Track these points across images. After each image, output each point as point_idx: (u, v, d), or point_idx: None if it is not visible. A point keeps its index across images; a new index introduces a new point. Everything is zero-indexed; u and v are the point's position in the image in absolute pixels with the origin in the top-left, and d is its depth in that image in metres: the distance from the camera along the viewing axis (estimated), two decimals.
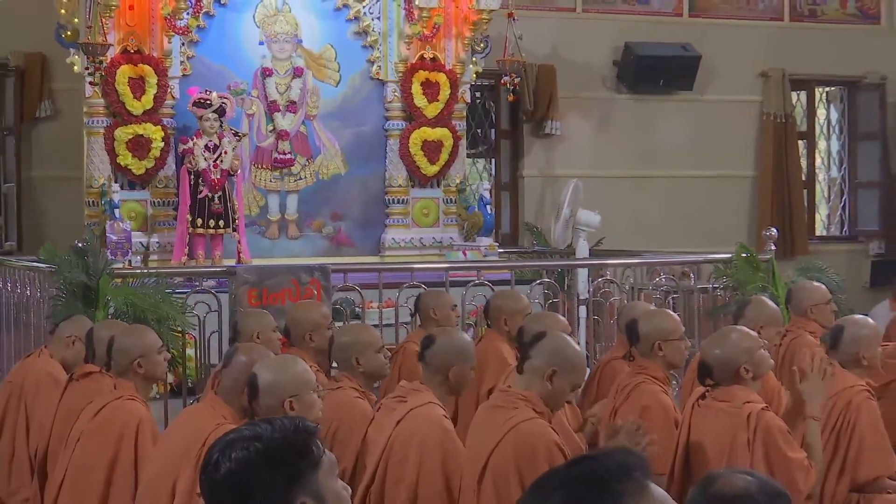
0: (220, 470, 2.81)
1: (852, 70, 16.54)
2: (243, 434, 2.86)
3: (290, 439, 2.83)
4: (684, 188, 15.39)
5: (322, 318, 8.15)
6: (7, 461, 8.24)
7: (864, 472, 7.16)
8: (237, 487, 2.80)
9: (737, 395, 6.57)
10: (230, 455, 2.80)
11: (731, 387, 6.61)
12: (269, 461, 2.79)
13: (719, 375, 6.62)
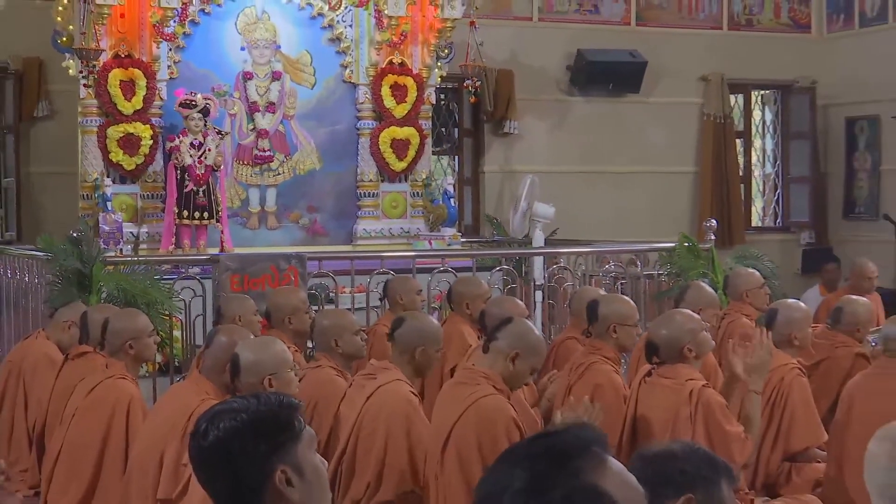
0: (207, 437, 2.82)
1: (785, 75, 16.58)
2: (231, 406, 2.88)
3: (275, 412, 2.83)
4: (631, 183, 15.41)
5: (300, 303, 8.16)
6: (7, 435, 8.23)
7: (796, 443, 7.19)
8: (223, 454, 2.80)
9: (680, 372, 6.59)
10: (218, 424, 2.81)
11: (676, 365, 6.63)
12: (253, 431, 2.79)
13: (665, 354, 6.64)
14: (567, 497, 1.90)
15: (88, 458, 7.05)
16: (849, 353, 7.89)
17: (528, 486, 1.92)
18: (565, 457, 1.95)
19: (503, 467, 1.98)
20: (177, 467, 6.06)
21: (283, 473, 2.76)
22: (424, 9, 12.68)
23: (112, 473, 6.98)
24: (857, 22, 16.32)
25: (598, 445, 1.99)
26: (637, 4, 15.92)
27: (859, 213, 16.38)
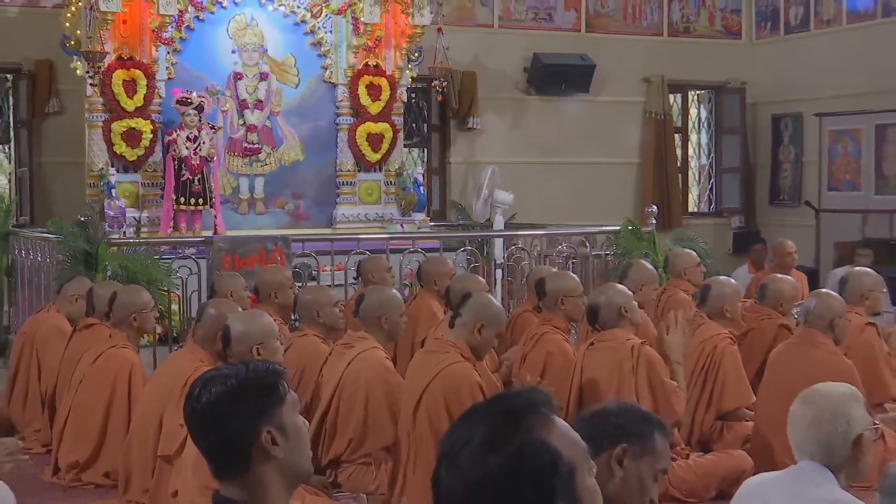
0: (200, 401, 2.81)
1: (718, 76, 16.62)
2: (222, 372, 2.86)
3: (261, 378, 2.83)
4: (582, 173, 15.40)
5: (285, 280, 8.18)
6: (22, 398, 8.22)
7: (727, 403, 7.24)
8: (214, 416, 2.79)
9: (619, 335, 6.64)
10: (210, 389, 2.80)
11: (614, 329, 6.67)
12: (241, 396, 2.78)
13: (604, 317, 6.68)
14: (519, 449, 1.92)
15: (95, 420, 7.06)
16: (773, 325, 7.93)
17: (486, 440, 1.94)
18: (518, 415, 1.97)
19: (465, 424, 2.00)
20: (175, 428, 6.05)
21: (268, 434, 2.75)
22: (396, 16, 12.67)
23: (116, 433, 6.99)
24: (782, 29, 16.37)
25: (546, 406, 2.01)
26: (587, 13, 15.92)
27: (783, 200, 16.45)
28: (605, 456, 3.16)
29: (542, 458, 1.93)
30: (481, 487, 1.91)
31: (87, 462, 7.03)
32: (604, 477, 3.14)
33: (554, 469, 1.93)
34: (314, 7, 12.50)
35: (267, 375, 2.84)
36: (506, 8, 15.47)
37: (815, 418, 3.62)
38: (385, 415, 6.44)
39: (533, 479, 1.92)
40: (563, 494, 1.93)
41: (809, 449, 3.62)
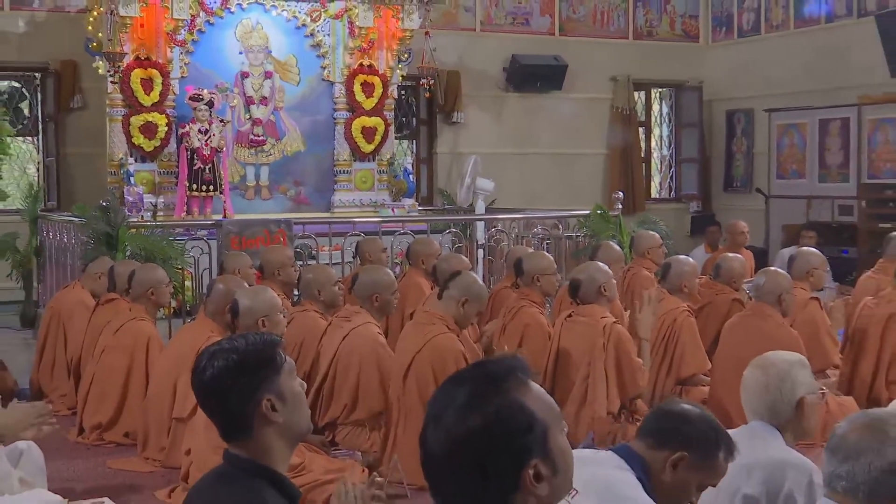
0: (206, 374, 2.81)
1: (678, 76, 16.63)
2: (223, 347, 2.85)
3: (259, 352, 2.82)
4: (555, 162, 15.42)
5: (287, 259, 8.16)
6: (50, 366, 8.22)
7: (685, 370, 7.27)
8: (218, 388, 2.80)
9: (595, 311, 6.66)
10: (213, 363, 2.80)
11: (591, 305, 6.69)
12: (241, 369, 2.78)
13: (584, 292, 6.71)
14: (497, 410, 1.93)
15: (116, 385, 7.06)
16: (727, 299, 7.95)
17: (467, 401, 1.94)
18: (497, 380, 1.98)
19: (450, 388, 2.00)
20: (188, 392, 6.01)
21: (268, 401, 2.75)
22: (388, 21, 12.65)
23: (135, 397, 6.99)
24: (735, 33, 16.38)
25: (523, 372, 2.01)
26: (560, 18, 15.91)
27: (736, 187, 16.48)
28: (665, 452, 3.17)
29: (518, 418, 1.93)
30: (463, 444, 1.92)
31: (108, 423, 7.03)
32: (658, 468, 3.14)
33: (529, 428, 1.94)
34: (314, 12, 12.49)
35: (264, 348, 2.83)
36: (487, 13, 15.45)
37: (764, 383, 3.63)
38: (376, 385, 6.45)
39: (509, 437, 1.92)
40: (538, 451, 1.93)
41: (759, 410, 3.63)
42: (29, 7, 13.04)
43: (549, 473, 1.94)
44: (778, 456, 3.51)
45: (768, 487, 3.46)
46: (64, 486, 5.72)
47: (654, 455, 3.18)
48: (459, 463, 1.93)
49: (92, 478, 6.23)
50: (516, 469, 1.92)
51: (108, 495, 5.76)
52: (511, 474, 1.92)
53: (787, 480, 3.44)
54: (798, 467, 3.46)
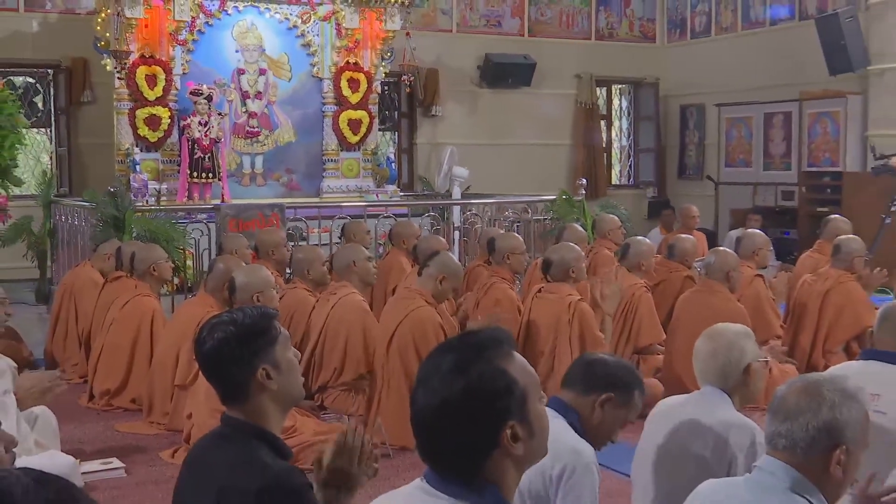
0: (207, 344, 2.78)
1: (637, 73, 16.65)
2: (222, 319, 2.83)
3: (255, 325, 2.79)
4: (525, 152, 15.42)
5: (280, 240, 8.15)
6: (62, 338, 8.20)
7: (642, 340, 7.31)
8: (217, 358, 2.78)
9: (562, 289, 6.68)
10: (213, 335, 2.78)
11: (560, 283, 6.70)
12: (239, 340, 2.75)
13: (555, 270, 6.73)
14: (481, 375, 1.94)
15: (123, 355, 7.06)
16: (680, 276, 7.99)
17: (454, 366, 1.95)
18: (481, 348, 1.98)
19: (439, 355, 2.01)
20: (189, 362, 6.08)
21: (263, 371, 2.74)
22: (372, 23, 12.60)
23: (140, 366, 6.99)
24: (689, 35, 16.40)
25: (506, 343, 2.03)
26: (529, 20, 15.88)
27: (689, 175, 16.52)
28: (593, 396, 3.31)
29: (499, 383, 1.94)
30: (449, 405, 1.93)
31: (116, 390, 7.03)
32: (587, 412, 3.25)
33: (509, 392, 1.95)
34: (304, 14, 12.42)
35: (261, 321, 2.81)
36: (462, 16, 15.42)
37: (714, 351, 3.64)
38: (361, 347, 6.49)
39: (490, 399, 1.93)
40: (516, 414, 1.95)
41: (710, 376, 3.64)
42: (42, 9, 12.95)
43: (525, 435, 1.96)
44: (725, 418, 3.53)
45: (716, 446, 3.48)
46: (75, 447, 5.72)
47: (583, 401, 3.31)
48: (444, 422, 1.94)
49: (101, 440, 6.24)
50: (495, 429, 1.93)
51: (116, 456, 5.79)
52: (491, 433, 1.93)
53: (732, 439, 3.47)
54: (742, 428, 3.49)
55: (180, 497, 2.78)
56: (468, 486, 1.94)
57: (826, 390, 2.50)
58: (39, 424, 5.25)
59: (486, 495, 1.94)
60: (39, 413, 5.23)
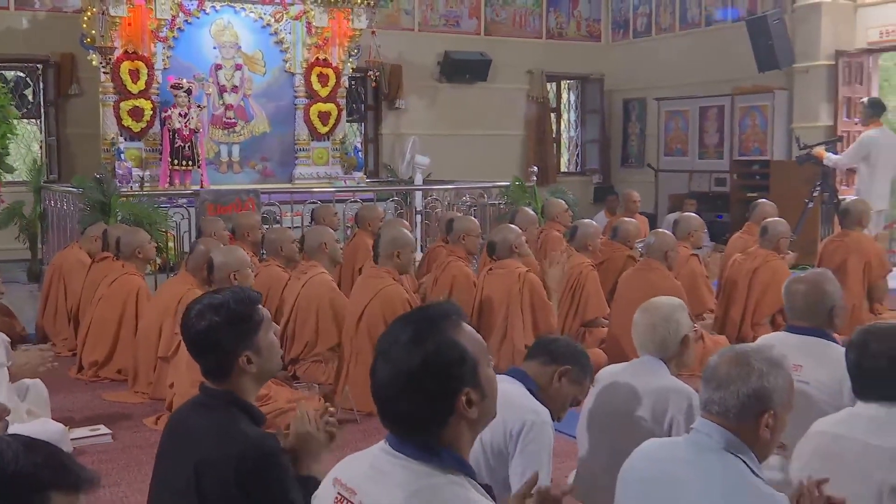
0: (193, 329, 2.76)
1: (584, 70, 16.67)
2: (212, 303, 2.77)
3: (241, 310, 2.76)
4: (481, 142, 15.40)
5: (255, 223, 8.13)
6: (53, 314, 8.11)
7: (589, 314, 7.34)
8: (206, 341, 2.75)
9: (510, 264, 6.70)
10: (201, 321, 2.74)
11: (506, 259, 6.72)
12: (225, 327, 2.73)
13: (500, 250, 6.75)
14: (436, 346, 1.94)
15: (109, 330, 7.00)
16: (622, 256, 8.02)
17: (411, 339, 1.95)
18: (435, 321, 1.99)
19: (396, 327, 2.01)
20: (171, 335, 6.05)
21: (245, 357, 2.72)
22: (340, 22, 12.52)
23: (126, 340, 6.94)
24: (631, 35, 16.43)
25: (456, 315, 2.03)
26: (485, 20, 15.85)
27: (631, 163, 16.60)
28: (554, 367, 3.37)
29: (453, 353, 1.94)
30: (408, 374, 1.92)
31: (103, 362, 6.97)
32: (546, 382, 3.29)
33: (462, 361, 1.95)
34: (277, 14, 12.33)
35: (247, 305, 2.77)
36: (423, 16, 15.36)
37: (652, 323, 3.66)
38: (330, 322, 6.48)
39: (446, 369, 1.93)
40: (469, 381, 1.95)
41: (648, 346, 3.67)
42: (31, 8, 12.75)
43: (478, 399, 1.96)
44: (663, 384, 3.56)
45: (655, 409, 3.51)
46: (65, 415, 5.67)
47: (544, 370, 3.35)
48: (404, 390, 1.93)
49: (89, 408, 6.18)
50: (452, 395, 1.94)
51: (103, 423, 5.75)
52: (447, 400, 1.94)
53: (670, 403, 3.49)
54: (679, 392, 3.51)
55: (162, 461, 2.76)
56: (427, 449, 1.94)
57: (754, 360, 2.52)
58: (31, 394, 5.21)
59: (444, 456, 1.94)
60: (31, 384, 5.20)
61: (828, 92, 12.50)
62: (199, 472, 2.52)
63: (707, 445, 2.49)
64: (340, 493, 2.03)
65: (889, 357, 2.82)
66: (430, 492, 1.89)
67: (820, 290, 3.89)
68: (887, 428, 2.79)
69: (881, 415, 2.83)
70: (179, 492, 2.56)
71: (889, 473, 2.74)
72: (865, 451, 2.78)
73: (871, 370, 2.85)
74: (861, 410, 2.88)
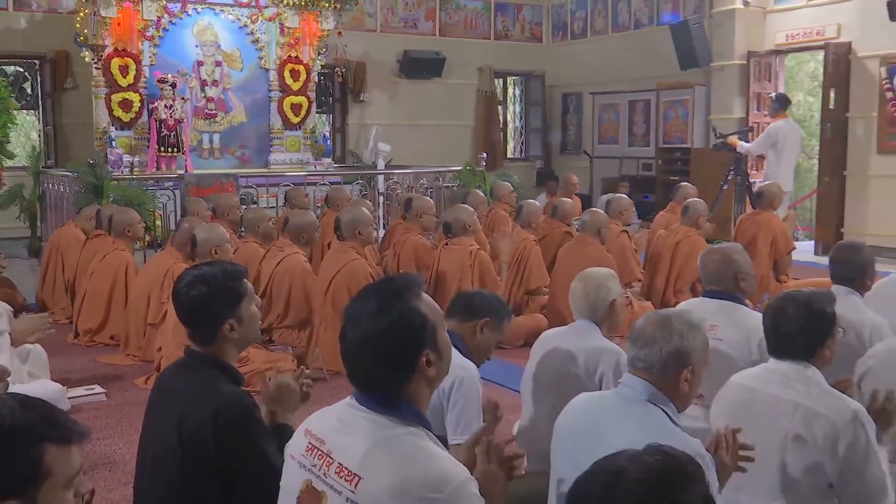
0: (184, 297, 2.71)
1: (527, 67, 16.65)
2: (201, 275, 2.73)
3: (227, 283, 2.72)
4: (436, 131, 15.35)
5: (234, 203, 8.08)
6: (51, 286, 8.00)
7: (532, 283, 7.37)
8: (193, 310, 2.71)
9: (464, 241, 6.70)
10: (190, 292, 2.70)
11: (461, 237, 6.72)
12: (212, 297, 2.69)
13: (455, 229, 6.75)
14: (400, 313, 1.94)
15: (102, 299, 6.92)
16: (561, 232, 8.06)
17: (378, 307, 1.95)
18: (399, 291, 1.98)
19: (363, 297, 2.00)
20: (159, 304, 6.01)
21: (229, 325, 2.69)
22: (310, 23, 12.41)
23: (118, 309, 6.86)
24: (569, 36, 16.43)
25: (417, 286, 2.03)
26: (440, 23, 15.76)
27: (569, 150, 16.64)
28: (474, 321, 3.33)
29: (414, 319, 1.94)
30: (375, 339, 1.93)
31: (98, 328, 6.90)
32: (469, 335, 3.27)
33: (423, 327, 1.95)
34: (253, 16, 12.18)
35: (234, 277, 2.73)
36: (385, 19, 15.24)
37: (585, 290, 3.68)
38: (302, 300, 6.43)
39: (408, 333, 1.94)
40: (429, 343, 1.96)
41: (583, 311, 3.68)
42: (28, 9, 12.49)
43: (436, 359, 1.97)
44: (596, 344, 3.58)
45: (588, 366, 3.53)
46: (63, 376, 5.60)
47: (465, 326, 3.32)
48: (371, 353, 1.94)
49: (85, 370, 6.12)
50: (413, 357, 1.94)
51: (97, 383, 5.70)
52: (410, 361, 1.94)
53: (601, 361, 3.52)
54: (609, 352, 3.54)
55: (150, 416, 2.74)
56: (389, 404, 1.94)
57: (675, 322, 2.54)
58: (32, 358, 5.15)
59: (404, 410, 1.94)
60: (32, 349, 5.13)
61: (740, 88, 12.62)
62: (182, 425, 2.51)
63: (632, 397, 2.51)
64: (311, 442, 2.03)
65: (801, 322, 2.86)
66: (390, 441, 1.89)
67: (729, 259, 3.95)
68: (794, 384, 2.84)
69: (790, 372, 2.87)
70: (165, 443, 2.55)
71: (791, 423, 2.78)
72: (774, 402, 2.83)
73: (786, 333, 2.88)
74: (773, 367, 2.92)
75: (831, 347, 2.90)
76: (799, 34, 12.05)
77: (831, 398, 2.79)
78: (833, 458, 2.71)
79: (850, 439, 2.69)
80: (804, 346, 2.87)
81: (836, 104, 11.33)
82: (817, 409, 2.75)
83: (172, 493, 2.52)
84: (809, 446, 2.74)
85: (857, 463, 2.70)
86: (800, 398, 2.80)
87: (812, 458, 2.74)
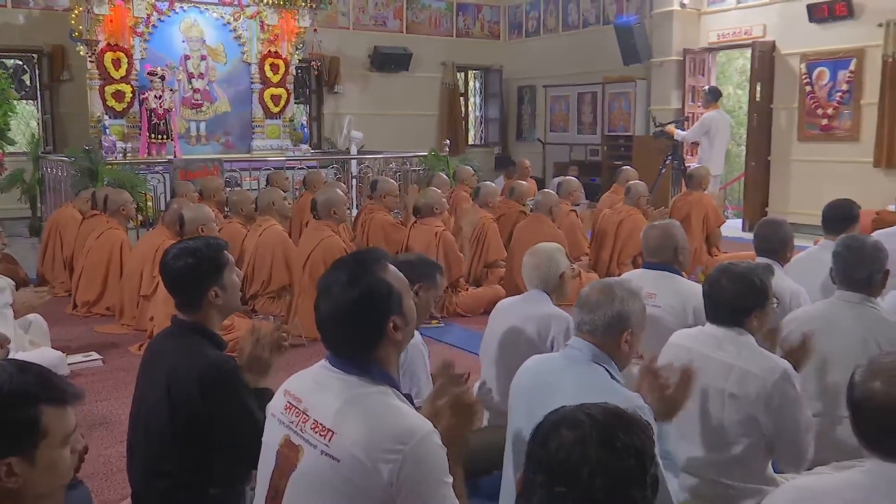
0: (171, 268, 2.67)
1: (486, 62, 16.60)
2: (186, 248, 2.69)
3: (210, 254, 2.68)
4: (404, 120, 15.27)
5: (220, 186, 8.02)
6: (51, 262, 7.88)
7: (490, 257, 7.39)
8: (180, 279, 2.67)
9: (431, 222, 6.70)
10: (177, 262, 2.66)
11: (428, 217, 6.71)
12: (197, 267, 2.65)
13: (424, 211, 6.75)
14: (369, 285, 1.93)
15: (99, 274, 6.85)
16: (516, 211, 8.07)
17: (348, 279, 1.94)
18: (367, 263, 1.98)
19: (334, 270, 1.99)
20: (151, 277, 5.96)
21: (213, 292, 2.66)
22: (288, 21, 12.25)
23: (113, 283, 6.80)
24: (524, 34, 16.38)
25: (384, 258, 2.01)
26: (407, 21, 15.63)
27: (525, 137, 16.64)
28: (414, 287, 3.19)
29: (383, 289, 1.94)
30: (346, 308, 1.92)
31: (94, 300, 6.82)
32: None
33: (389, 295, 1.95)
34: (235, 13, 12.00)
35: (215, 249, 2.70)
36: (356, 17, 15.09)
37: (537, 263, 3.69)
38: (283, 265, 6.41)
39: (377, 302, 1.93)
40: (396, 310, 1.95)
41: (535, 281, 3.70)
42: (26, 6, 12.18)
43: (402, 325, 1.97)
44: (547, 311, 3.60)
45: (540, 331, 3.55)
46: (62, 345, 5.53)
47: None
48: (343, 321, 1.93)
49: (83, 339, 6.05)
50: (382, 322, 1.93)
51: (95, 350, 5.64)
52: (378, 327, 1.93)
53: (552, 326, 3.54)
54: (559, 318, 3.56)
55: (142, 378, 2.71)
56: (360, 366, 1.94)
57: (617, 290, 2.55)
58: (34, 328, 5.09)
59: (374, 371, 1.94)
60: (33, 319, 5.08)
61: (677, 81, 12.68)
62: (170, 385, 2.50)
63: (578, 358, 2.52)
64: (289, 401, 2.02)
65: (733, 292, 2.87)
66: (361, 399, 1.89)
67: (668, 233, 3.98)
68: (724, 346, 2.87)
69: (721, 335, 2.89)
70: (155, 402, 2.54)
71: (727, 383, 2.82)
72: (707, 361, 2.86)
73: (720, 301, 2.90)
74: (708, 330, 2.95)
75: (760, 318, 2.90)
76: (729, 33, 12.13)
77: (762, 358, 2.82)
78: (767, 412, 2.75)
79: (781, 394, 2.73)
80: (733, 314, 2.89)
81: (762, 97, 11.44)
82: (749, 369, 2.78)
83: (163, 445, 2.51)
84: (743, 402, 2.78)
85: (790, 413, 2.75)
86: (732, 359, 2.83)
87: (745, 412, 2.78)
